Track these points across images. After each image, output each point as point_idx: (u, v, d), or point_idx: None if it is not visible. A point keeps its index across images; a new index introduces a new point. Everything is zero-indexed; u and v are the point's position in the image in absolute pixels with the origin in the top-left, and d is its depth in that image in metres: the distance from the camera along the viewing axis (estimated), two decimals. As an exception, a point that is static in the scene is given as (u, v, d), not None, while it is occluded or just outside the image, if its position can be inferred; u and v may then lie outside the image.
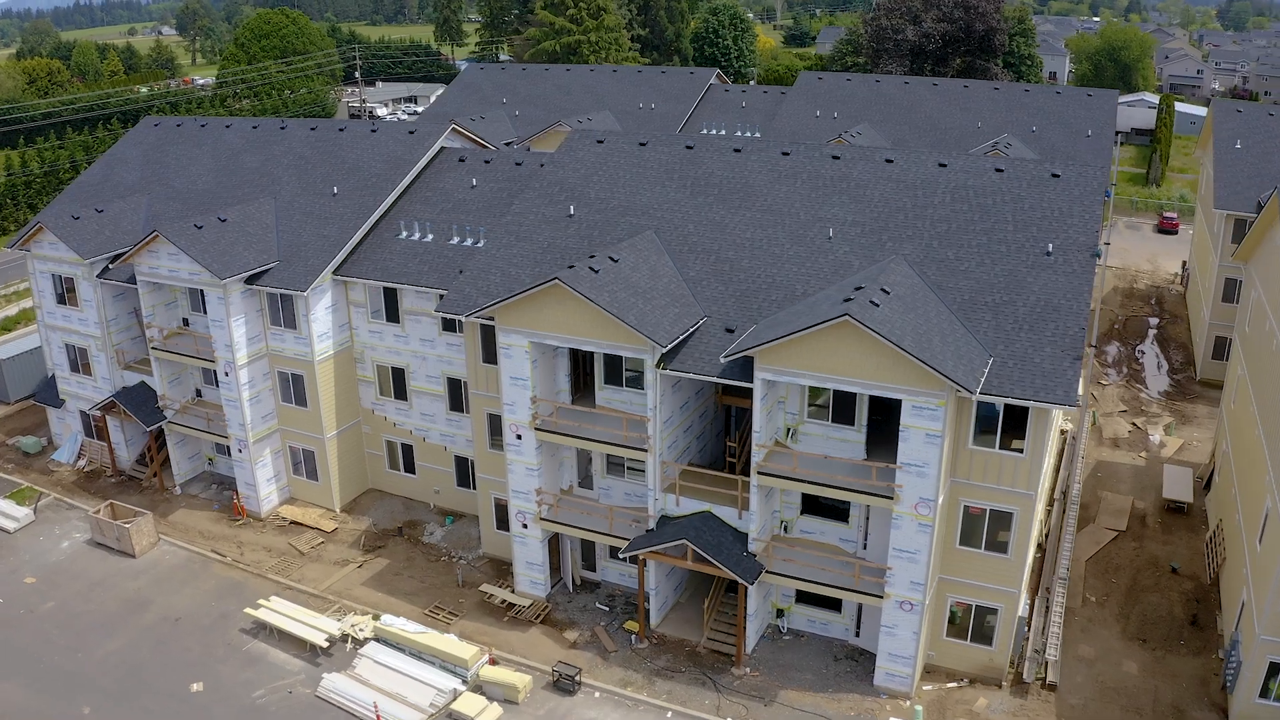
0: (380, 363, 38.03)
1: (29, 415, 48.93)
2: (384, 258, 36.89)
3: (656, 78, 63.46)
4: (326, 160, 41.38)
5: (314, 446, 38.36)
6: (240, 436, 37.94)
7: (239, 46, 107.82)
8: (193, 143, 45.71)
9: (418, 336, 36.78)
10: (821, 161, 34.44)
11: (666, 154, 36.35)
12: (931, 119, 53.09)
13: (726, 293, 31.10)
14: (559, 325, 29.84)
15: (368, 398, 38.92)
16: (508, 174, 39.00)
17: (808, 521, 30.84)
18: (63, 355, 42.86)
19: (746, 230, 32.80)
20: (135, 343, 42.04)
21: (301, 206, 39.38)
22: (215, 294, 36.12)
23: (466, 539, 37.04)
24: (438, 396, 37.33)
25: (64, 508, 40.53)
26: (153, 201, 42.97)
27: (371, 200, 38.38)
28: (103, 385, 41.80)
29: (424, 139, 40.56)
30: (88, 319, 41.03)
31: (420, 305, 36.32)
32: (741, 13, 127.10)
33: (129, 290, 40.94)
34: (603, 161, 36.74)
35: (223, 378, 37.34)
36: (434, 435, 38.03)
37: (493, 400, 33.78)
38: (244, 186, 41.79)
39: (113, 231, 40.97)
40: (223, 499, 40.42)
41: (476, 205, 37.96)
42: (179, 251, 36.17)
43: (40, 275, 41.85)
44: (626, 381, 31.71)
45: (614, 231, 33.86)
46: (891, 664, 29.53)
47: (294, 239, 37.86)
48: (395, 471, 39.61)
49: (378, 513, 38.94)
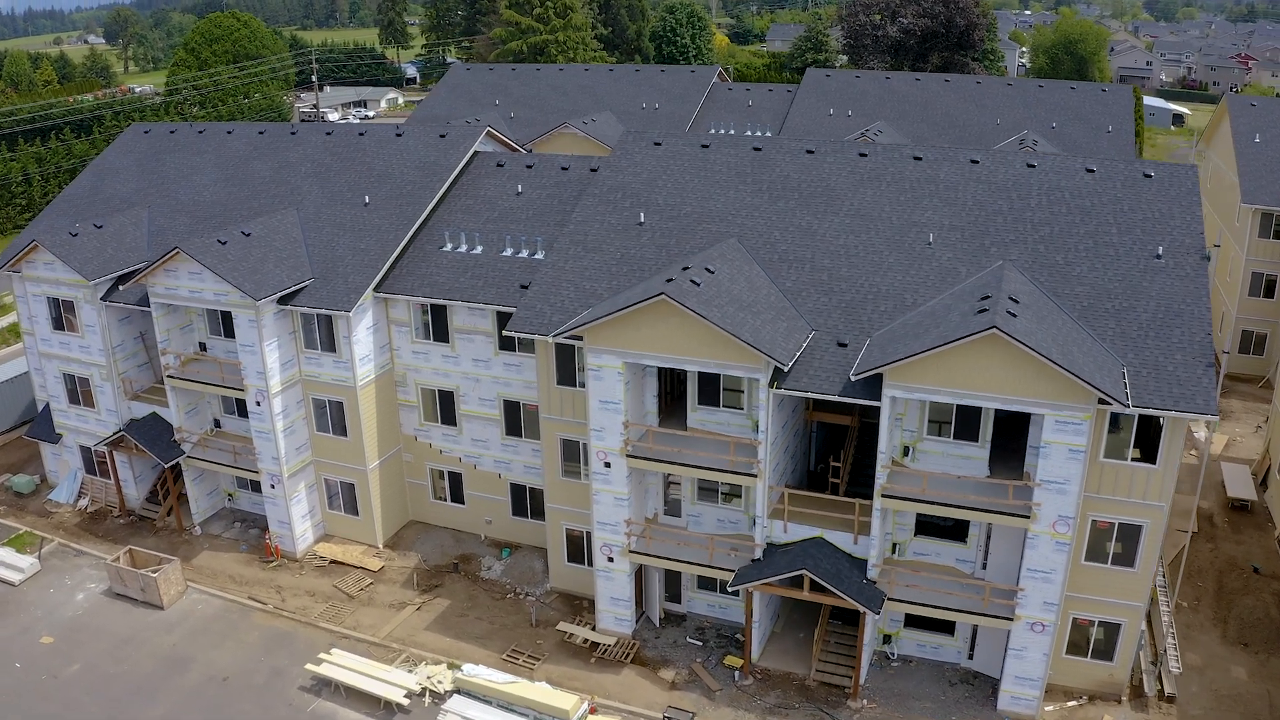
0: (425, 386, 34.37)
1: (13, 450, 43.79)
2: (430, 272, 33.25)
3: (656, 76, 60.44)
4: (350, 167, 37.42)
5: (354, 479, 34.52)
6: (273, 471, 33.91)
7: (189, 51, 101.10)
8: (192, 150, 41.17)
9: (470, 357, 33.25)
10: (903, 163, 32.01)
11: (732, 156, 33.50)
12: (948, 116, 51.28)
13: (830, 304, 28.47)
14: (659, 344, 26.84)
15: (410, 424, 35.22)
16: (554, 179, 35.65)
17: (922, 543, 28.45)
18: (59, 386, 38.08)
19: (838, 237, 30.19)
20: (142, 370, 37.54)
21: (330, 217, 35.43)
22: (246, 316, 32.06)
23: (530, 573, 33.69)
24: (492, 421, 33.85)
25: (71, 554, 35.92)
26: (155, 215, 38.43)
27: (410, 210, 34.65)
28: (108, 418, 37.19)
29: (457, 143, 36.92)
30: (90, 346, 36.39)
31: (473, 323, 32.81)
32: (699, 11, 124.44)
33: (135, 313, 36.52)
34: (664, 165, 33.71)
35: (253, 407, 33.27)
36: (486, 462, 34.55)
37: (567, 425, 30.60)
38: (258, 197, 37.58)
39: (115, 249, 36.40)
40: (249, 538, 36.27)
41: (525, 213, 34.54)
42: (203, 270, 32.03)
43: (34, 299, 37.03)
44: (724, 402, 28.84)
45: (691, 240, 30.92)
46: (1018, 687, 27.43)
47: (327, 253, 33.94)
48: (441, 502, 36.00)
49: (426, 547, 35.29)
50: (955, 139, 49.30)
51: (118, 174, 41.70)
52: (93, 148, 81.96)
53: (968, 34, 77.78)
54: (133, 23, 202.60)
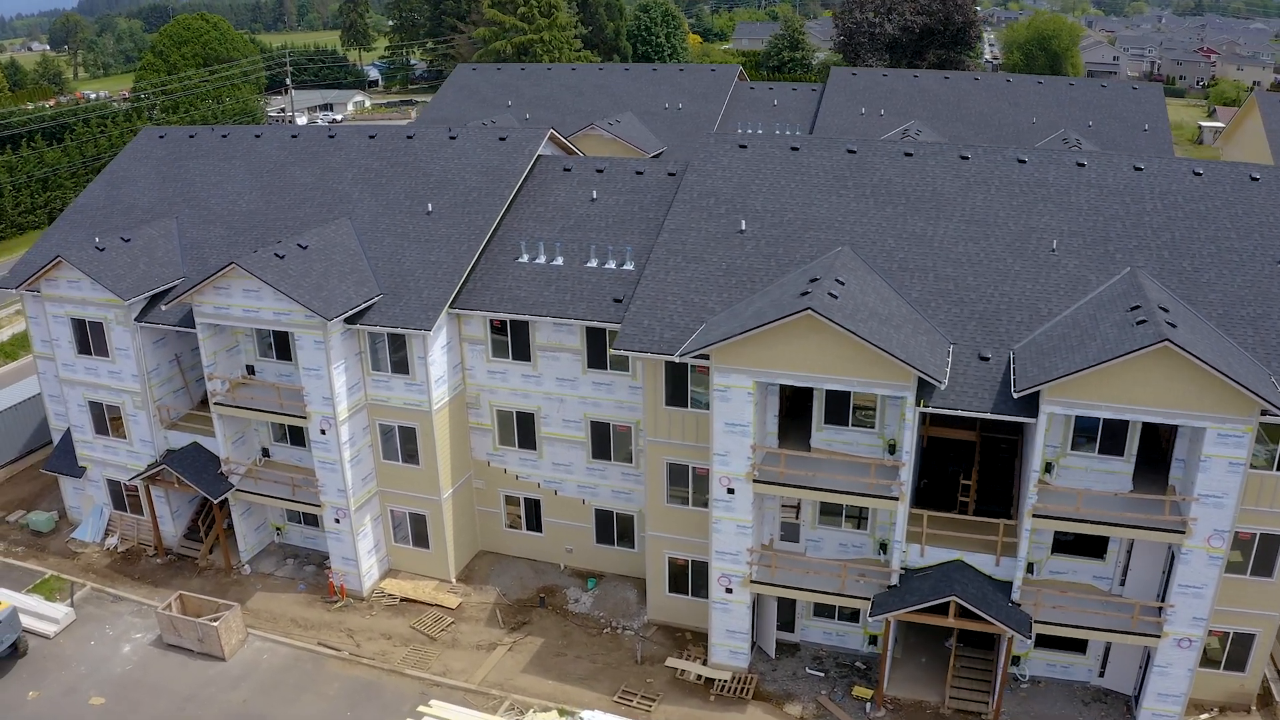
0: (501, 407, 31.17)
1: (23, 483, 39.31)
2: (507, 285, 30.06)
3: (675, 76, 57.60)
4: (404, 173, 33.94)
5: (425, 509, 31.18)
6: (338, 504, 30.41)
7: (156, 54, 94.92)
8: (218, 155, 37.19)
9: (554, 376, 30.17)
10: (1008, 166, 29.86)
11: (826, 159, 30.97)
12: (982, 115, 49.51)
13: (962, 315, 26.17)
14: (797, 362, 24.26)
15: (482, 448, 31.99)
16: (629, 184, 32.70)
17: (1059, 561, 26.38)
18: (84, 415, 33.91)
19: (956, 244, 27.88)
20: (178, 397, 33.64)
21: (389, 227, 31.97)
22: (311, 338, 28.52)
23: (624, 605, 30.77)
24: (577, 443, 30.81)
25: (107, 599, 31.94)
26: (185, 226, 34.48)
27: (480, 218, 31.38)
28: (141, 449, 33.19)
29: (521, 146, 33.71)
30: (122, 371, 32.36)
31: (559, 339, 29.72)
32: (674, 10, 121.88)
33: (170, 335, 32.63)
34: (754, 169, 31.05)
35: (316, 436, 29.73)
36: (569, 488, 31.49)
37: (675, 448, 27.84)
38: (302, 205, 33.90)
39: (148, 264, 32.43)
40: (305, 576, 32.65)
41: (604, 221, 31.54)
42: (261, 287, 28.42)
43: (54, 320, 32.80)
44: (853, 421, 26.31)
45: (798, 249, 28.34)
46: (1160, 704, 25.69)
47: (392, 267, 30.51)
48: (515, 531, 32.85)
49: (503, 580, 32.10)
50: (993, 138, 47.51)
51: (134, 182, 37.52)
52: (65, 156, 76.10)
53: (964, 31, 76.65)
54: (84, 28, 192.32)
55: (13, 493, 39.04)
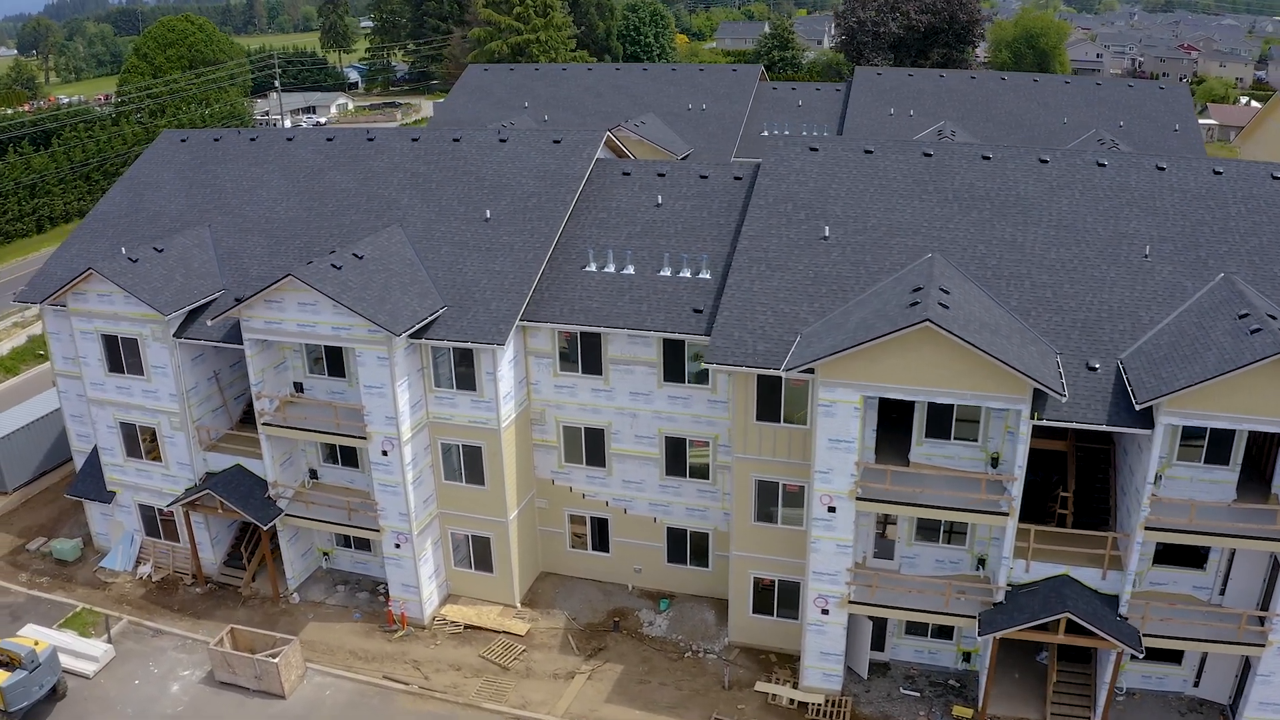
0: (569, 423, 29.21)
1: (40, 509, 36.56)
2: (578, 296, 28.11)
3: (695, 76, 55.79)
4: (454, 178, 31.80)
5: (489, 532, 29.13)
6: (400, 529, 28.26)
7: (141, 58, 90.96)
8: (248, 160, 34.74)
9: (627, 390, 28.28)
10: (1089, 170, 28.54)
11: (902, 163, 29.40)
12: (1013, 115, 48.38)
13: (1064, 324, 24.75)
14: (908, 375, 22.67)
15: (546, 466, 30.00)
16: (694, 189, 30.86)
17: (1159, 572, 25.08)
18: (114, 437, 31.36)
19: (1047, 250, 26.47)
20: (216, 416, 31.21)
21: (445, 235, 29.85)
22: (375, 353, 26.36)
23: (702, 627, 28.97)
24: (649, 460, 28.95)
25: (147, 634, 29.49)
26: (220, 235, 32.05)
27: (544, 225, 29.38)
28: (179, 472, 30.75)
29: (578, 149, 31.72)
30: (158, 390, 29.90)
31: (634, 352, 27.84)
32: (662, 9, 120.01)
33: (208, 351, 30.25)
34: (829, 173, 29.40)
35: (377, 457, 27.56)
36: (640, 505, 29.62)
37: (765, 465, 26.14)
38: (346, 212, 31.64)
39: (185, 276, 29.98)
40: (359, 603, 30.44)
41: (672, 227, 29.69)
42: (319, 300, 26.20)
43: (82, 336, 30.23)
44: (955, 434, 24.78)
45: (886, 256, 26.76)
46: (1262, 713, 24.74)
47: (453, 277, 28.42)
48: (580, 551, 30.90)
49: (571, 603, 30.14)
50: (1025, 138, 46.39)
51: (158, 188, 34.95)
52: (52, 161, 72.44)
53: (968, 29, 75.72)
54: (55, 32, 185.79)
55: (30, 518, 36.27)
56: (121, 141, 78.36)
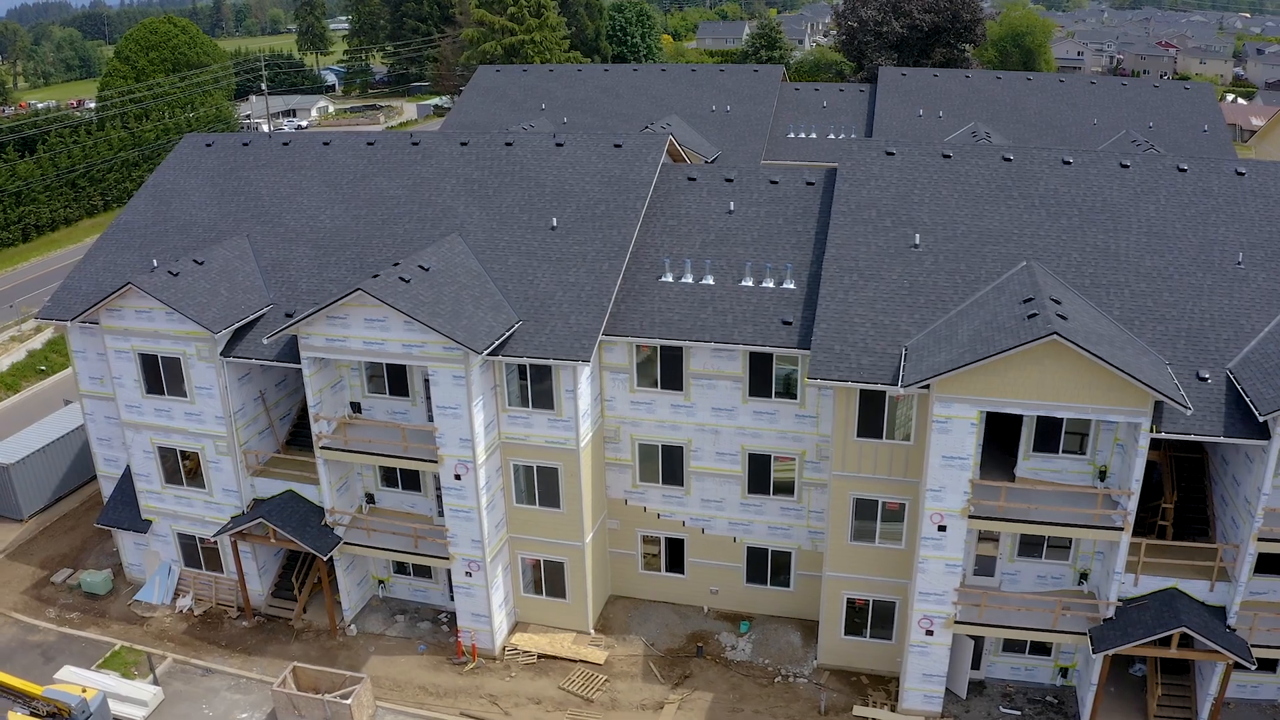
0: (645, 441, 27.42)
1: (60, 537, 33.92)
2: (657, 308, 26.34)
3: (716, 77, 54.11)
4: (511, 184, 29.83)
5: (564, 556, 27.25)
6: (472, 556, 26.28)
7: (123, 60, 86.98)
8: (284, 166, 32.43)
9: (709, 405, 26.56)
10: (1170, 174, 27.46)
11: (982, 168, 28.05)
12: (1042, 116, 47.41)
13: (1168, 334, 23.65)
14: (1029, 390, 21.39)
15: (619, 486, 28.18)
16: (765, 194, 29.21)
17: (1258, 582, 23.99)
18: (151, 462, 28.95)
19: (1142, 258, 25.31)
20: (263, 439, 28.93)
21: (510, 244, 27.89)
22: (450, 372, 24.37)
23: (788, 649, 27.36)
24: (731, 477, 27.28)
25: (196, 673, 27.16)
26: (261, 245, 29.76)
27: (616, 234, 27.54)
28: (224, 499, 28.44)
29: (642, 154, 29.91)
30: (202, 413, 27.57)
31: (717, 366, 26.13)
32: (649, 9, 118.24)
33: (254, 370, 27.99)
34: (909, 178, 27.96)
35: (449, 482, 25.56)
36: (719, 525, 27.93)
37: (865, 482, 24.66)
38: (398, 221, 29.52)
39: (230, 291, 27.68)
40: (421, 634, 28.38)
41: (748, 235, 28.01)
42: (389, 316, 24.14)
43: (117, 356, 27.77)
44: (1063, 448, 23.45)
45: (982, 264, 25.42)
46: None
47: (525, 289, 26.50)
48: (653, 573, 29.12)
49: (646, 627, 28.36)
50: (1057, 139, 45.43)
51: (186, 196, 32.50)
52: (38, 167, 68.74)
53: (970, 28, 74.94)
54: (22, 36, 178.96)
55: (51, 547, 33.62)
56: (108, 147, 74.79)
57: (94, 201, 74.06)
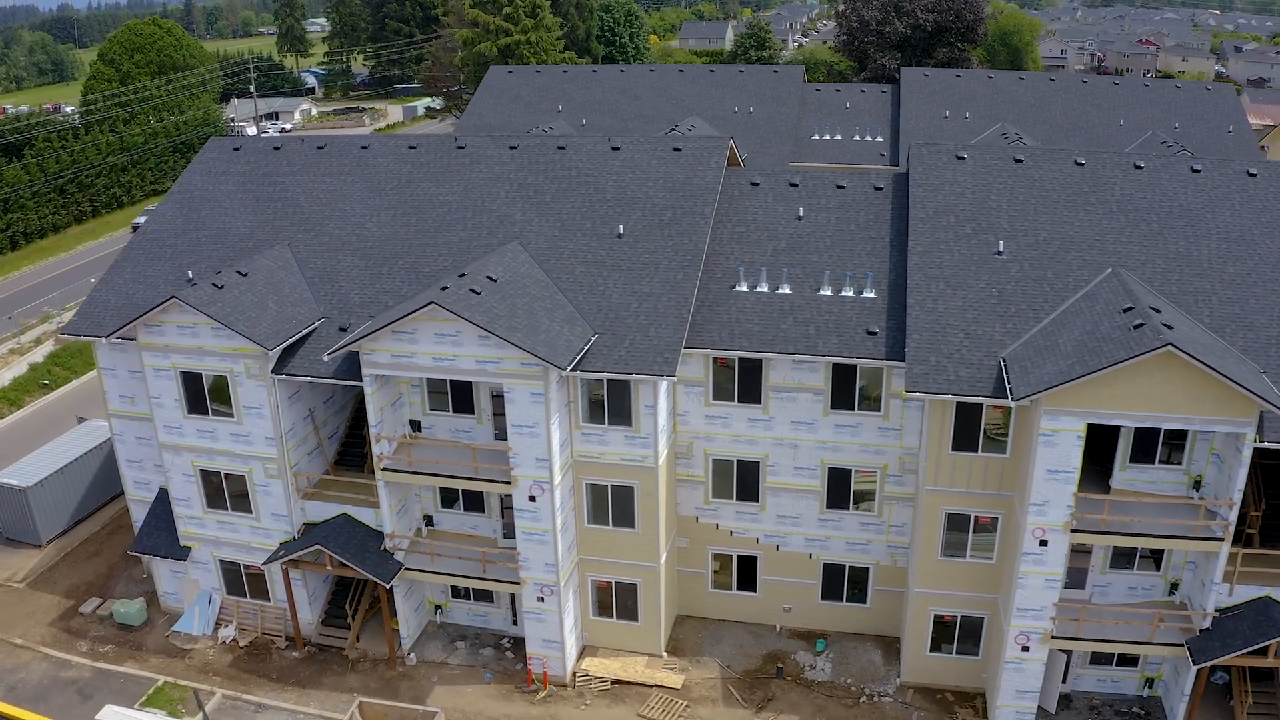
0: (719, 456, 26.10)
1: (82, 563, 31.84)
2: (733, 319, 25.03)
3: (735, 77, 52.87)
4: (569, 189, 28.35)
5: (637, 577, 25.84)
6: (545, 580, 24.79)
7: (107, 63, 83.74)
8: (321, 171, 30.65)
9: (788, 419, 25.30)
10: (1240, 179, 26.77)
11: (1055, 173, 27.10)
12: (1067, 117, 46.81)
13: (1258, 341, 22.95)
14: (1137, 401, 20.50)
15: (690, 503, 26.82)
16: (833, 200, 27.99)
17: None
18: (192, 486, 27.07)
19: (1224, 264, 24.55)
20: (312, 459, 27.18)
21: (575, 253, 26.42)
22: (528, 389, 22.87)
23: (869, 668, 26.19)
24: (809, 492, 26.05)
25: (248, 710, 25.36)
26: (303, 255, 28.01)
27: (687, 242, 26.16)
28: (272, 524, 26.66)
29: (703, 158, 28.56)
30: (250, 433, 25.76)
31: (798, 379, 24.88)
32: (636, 9, 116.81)
33: (304, 388, 26.26)
34: (983, 183, 26.93)
35: (523, 503, 24.06)
36: (794, 541, 26.70)
37: (958, 497, 23.55)
38: (451, 228, 27.92)
39: (278, 304, 25.91)
40: (484, 660, 26.82)
41: (820, 242, 26.79)
42: (461, 331, 22.60)
43: (156, 374, 25.87)
44: (1159, 458, 22.54)
45: (1067, 271, 24.53)
46: None
47: (596, 300, 25.06)
48: (723, 592, 27.80)
49: (720, 649, 27.04)
50: (1085, 141, 44.84)
51: (217, 202, 30.59)
52: (25, 173, 65.73)
53: (972, 28, 74.46)
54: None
55: (74, 575, 31.53)
56: (95, 151, 71.88)
57: (82, 208, 71.13)
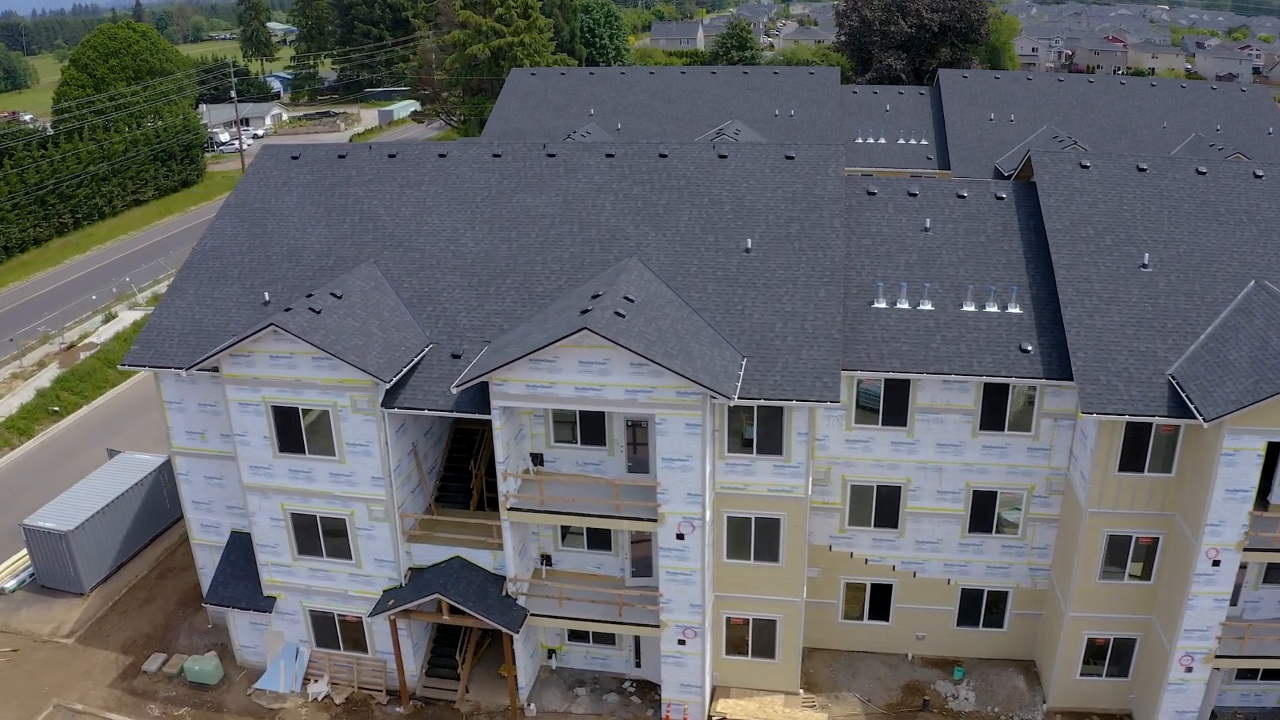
0: (858, 482, 24.33)
1: (134, 612, 28.71)
2: (878, 337, 23.28)
3: (769, 79, 51.09)
4: (681, 201, 26.28)
5: (777, 613, 23.91)
6: (689, 622, 22.75)
7: (80, 69, 78.61)
8: (398, 181, 28.08)
9: (934, 441, 23.65)
10: (1360, 183, 25.83)
11: (1180, 182, 25.97)
12: (1110, 118, 46.13)
13: None
14: (1327, 418, 19.14)
15: (824, 531, 24.99)
16: (956, 210, 26.41)
17: None
18: (281, 531, 24.36)
19: (1370, 272, 23.53)
20: (414, 498, 24.67)
21: (699, 269, 24.38)
22: (683, 419, 20.81)
23: (1014, 694, 24.67)
24: (950, 517, 24.45)
25: (361, 779, 22.88)
26: (393, 273, 25.45)
27: (821, 256, 24.28)
28: (375, 570, 24.07)
29: (820, 165, 26.70)
30: (355, 473, 23.17)
31: (947, 399, 23.22)
32: (616, 10, 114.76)
33: (408, 421, 23.81)
34: (1112, 193, 25.65)
35: (669, 542, 21.96)
36: (933, 567, 25.08)
37: (1122, 519, 22.18)
38: (560, 243, 25.64)
39: (382, 329, 23.37)
40: (608, 707, 24.61)
41: (953, 255, 25.17)
42: (610, 359, 20.44)
43: (240, 409, 23.13)
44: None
45: (1214, 285, 23.43)
46: None
47: (736, 320, 23.05)
48: (853, 622, 26.04)
49: (856, 682, 25.30)
50: (1133, 143, 44.17)
51: (283, 216, 27.80)
52: (6, 185, 61.05)
53: (975, 27, 73.98)
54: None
55: (128, 627, 28.37)
56: (76, 161, 67.33)
57: (63, 219, 66.52)
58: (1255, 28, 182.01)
